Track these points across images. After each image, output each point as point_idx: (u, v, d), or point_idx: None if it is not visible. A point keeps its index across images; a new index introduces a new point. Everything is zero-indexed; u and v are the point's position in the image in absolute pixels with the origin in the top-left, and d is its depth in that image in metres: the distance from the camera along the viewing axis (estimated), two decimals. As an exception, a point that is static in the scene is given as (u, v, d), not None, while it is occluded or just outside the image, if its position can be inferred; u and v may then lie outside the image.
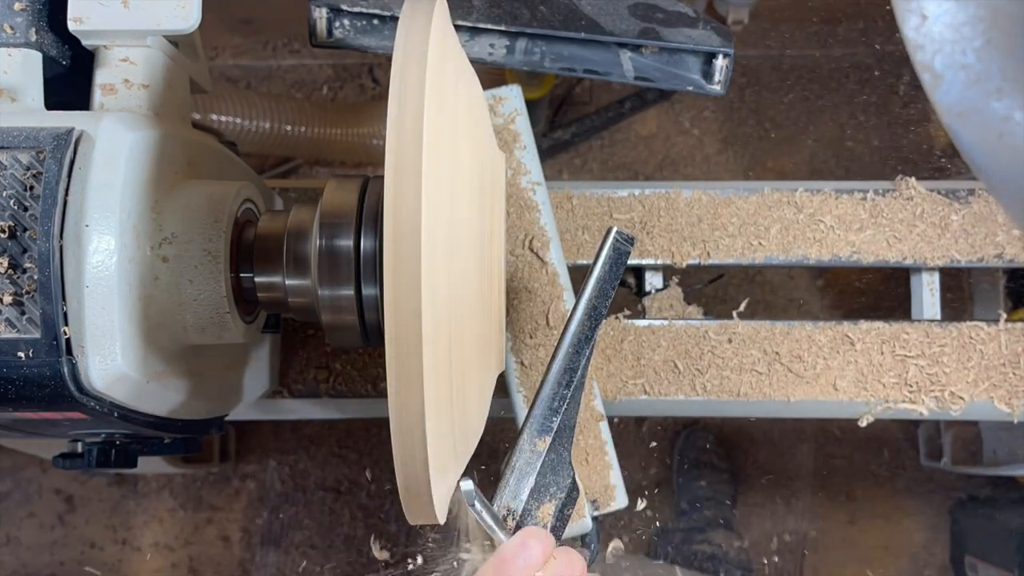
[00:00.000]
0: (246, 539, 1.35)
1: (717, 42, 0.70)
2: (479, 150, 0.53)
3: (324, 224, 0.56)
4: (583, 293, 0.61)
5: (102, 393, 0.54)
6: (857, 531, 1.42)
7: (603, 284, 0.61)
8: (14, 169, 0.52)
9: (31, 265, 0.50)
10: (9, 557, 1.35)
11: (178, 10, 0.60)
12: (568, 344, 0.59)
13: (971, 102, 0.26)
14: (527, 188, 0.80)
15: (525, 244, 0.79)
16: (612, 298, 0.61)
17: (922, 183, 0.88)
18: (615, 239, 0.61)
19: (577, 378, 0.59)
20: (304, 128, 1.09)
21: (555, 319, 0.78)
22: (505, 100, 0.82)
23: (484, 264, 0.51)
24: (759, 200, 0.87)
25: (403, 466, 0.44)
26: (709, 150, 1.39)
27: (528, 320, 0.79)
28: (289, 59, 1.42)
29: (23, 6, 0.59)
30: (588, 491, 0.76)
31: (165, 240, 0.57)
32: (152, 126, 0.58)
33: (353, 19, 0.70)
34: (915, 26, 0.27)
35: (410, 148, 0.42)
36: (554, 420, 0.58)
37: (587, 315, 0.60)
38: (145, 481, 1.37)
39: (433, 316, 0.44)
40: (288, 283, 0.60)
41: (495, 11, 0.69)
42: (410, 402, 0.42)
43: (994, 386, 0.84)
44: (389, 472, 1.35)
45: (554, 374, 0.58)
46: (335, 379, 0.84)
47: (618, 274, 0.62)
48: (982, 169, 0.27)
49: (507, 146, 0.80)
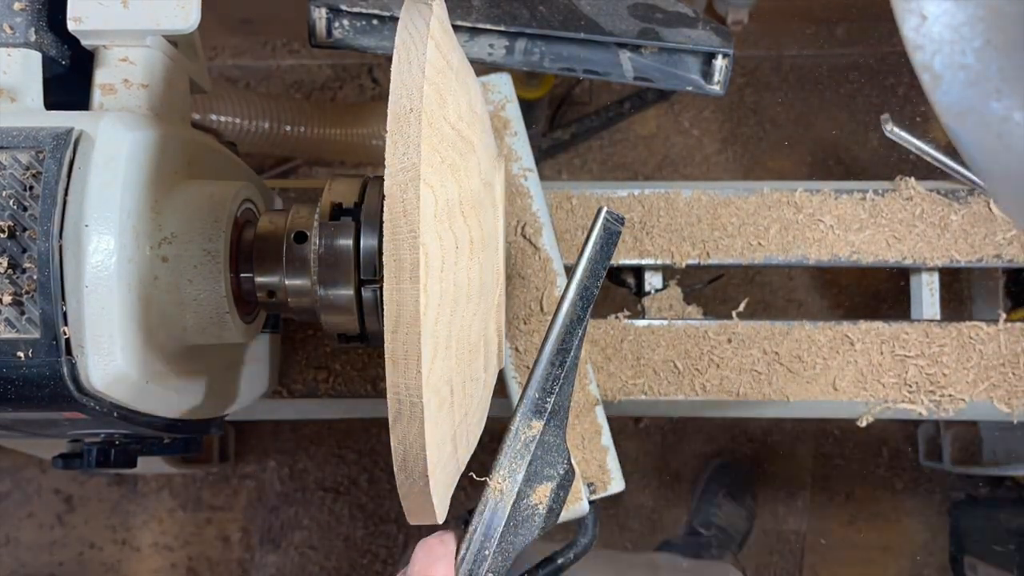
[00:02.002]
0: (245, 539, 1.35)
1: (717, 42, 0.70)
2: (479, 150, 0.53)
3: (324, 224, 0.56)
4: (574, 274, 0.61)
5: (102, 393, 0.54)
6: (857, 531, 1.42)
7: (594, 264, 0.61)
8: (14, 169, 0.52)
9: (31, 265, 0.50)
10: (8, 557, 1.35)
11: (178, 10, 0.60)
12: (560, 325, 0.59)
13: (970, 102, 0.26)
14: (518, 175, 0.80)
15: (517, 231, 0.79)
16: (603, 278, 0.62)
17: (922, 183, 0.88)
18: (605, 219, 0.61)
19: (570, 359, 0.59)
20: (304, 128, 1.09)
21: (549, 305, 0.78)
22: (495, 87, 0.82)
23: (485, 263, 0.51)
24: (758, 200, 0.87)
25: (403, 467, 0.44)
26: (709, 150, 1.39)
27: (522, 306, 0.79)
28: (288, 59, 1.42)
29: (23, 6, 0.59)
30: (584, 475, 0.76)
31: (165, 240, 0.57)
32: (152, 126, 0.58)
33: (353, 19, 0.70)
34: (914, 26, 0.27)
35: (410, 149, 0.42)
36: (548, 401, 0.58)
37: (579, 296, 0.60)
38: (144, 481, 1.37)
39: (434, 317, 0.44)
40: (288, 283, 0.60)
41: (494, 11, 0.69)
42: (410, 402, 0.42)
43: (994, 386, 0.84)
44: (389, 472, 1.35)
45: (547, 355, 0.58)
46: (335, 379, 0.84)
47: (609, 254, 0.62)
48: (981, 169, 0.27)
49: (498, 133, 0.80)
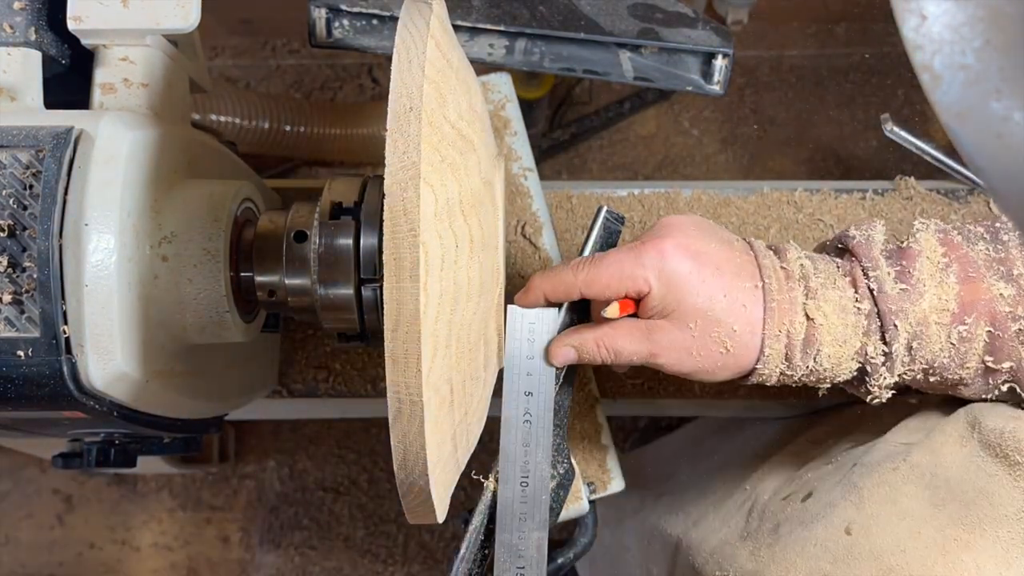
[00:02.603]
0: (245, 539, 1.35)
1: (716, 42, 0.70)
2: (480, 149, 0.53)
3: (324, 223, 0.57)
4: None
5: (101, 392, 0.54)
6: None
7: None
8: (13, 168, 0.52)
9: (30, 264, 0.50)
10: (8, 557, 1.35)
11: (178, 9, 0.60)
12: (560, 324, 0.59)
13: (970, 102, 0.26)
14: (518, 174, 0.80)
15: (517, 230, 0.79)
16: None
17: (922, 183, 0.88)
18: (605, 218, 0.62)
19: None
20: (304, 128, 1.09)
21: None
22: (495, 87, 0.82)
23: (485, 263, 0.51)
24: (758, 200, 0.87)
25: (403, 466, 0.44)
26: (709, 150, 1.39)
27: (521, 305, 0.79)
28: (288, 59, 1.42)
29: (23, 5, 0.59)
30: (584, 474, 0.76)
31: (165, 239, 0.57)
32: (152, 125, 0.58)
33: (352, 19, 0.70)
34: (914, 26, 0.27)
35: (410, 148, 0.42)
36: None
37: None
38: (144, 481, 1.37)
39: (434, 316, 0.44)
40: (288, 282, 0.60)
41: (494, 11, 0.69)
42: (410, 401, 0.42)
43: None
44: (389, 472, 1.35)
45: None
46: (335, 379, 0.84)
47: None
48: (981, 169, 0.27)
49: (498, 133, 0.80)
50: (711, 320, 0.53)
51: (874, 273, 0.54)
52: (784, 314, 0.53)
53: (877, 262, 0.54)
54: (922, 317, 0.53)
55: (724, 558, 0.62)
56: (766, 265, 0.55)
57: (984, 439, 0.53)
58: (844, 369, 0.55)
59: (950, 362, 0.54)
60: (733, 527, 0.65)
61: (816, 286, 0.54)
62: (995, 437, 0.52)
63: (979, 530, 0.50)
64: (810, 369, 0.55)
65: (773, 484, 0.67)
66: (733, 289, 0.53)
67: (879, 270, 0.54)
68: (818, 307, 0.53)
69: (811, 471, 0.64)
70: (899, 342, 0.53)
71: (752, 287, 0.54)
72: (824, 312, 0.53)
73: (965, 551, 0.50)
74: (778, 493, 0.65)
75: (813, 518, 0.57)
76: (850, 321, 0.54)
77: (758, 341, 0.54)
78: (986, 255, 0.54)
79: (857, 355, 0.54)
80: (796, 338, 0.54)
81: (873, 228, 0.57)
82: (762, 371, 0.55)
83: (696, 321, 0.53)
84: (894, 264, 0.55)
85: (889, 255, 0.55)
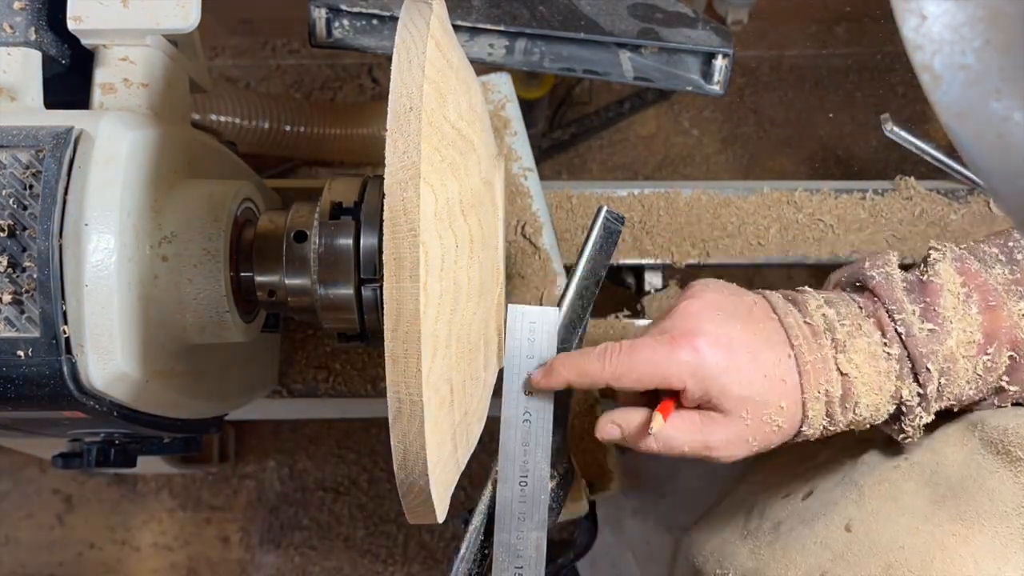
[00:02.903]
0: (245, 539, 1.35)
1: (716, 42, 0.70)
2: (479, 149, 0.53)
3: (324, 223, 0.57)
4: (574, 273, 0.61)
5: (101, 392, 0.54)
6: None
7: (594, 264, 0.61)
8: (13, 168, 0.52)
9: (30, 264, 0.50)
10: (8, 557, 1.35)
11: (177, 9, 0.60)
12: (560, 324, 0.59)
13: (970, 102, 0.26)
14: (518, 174, 0.80)
15: (517, 230, 0.79)
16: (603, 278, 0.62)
17: (922, 183, 0.88)
18: (605, 218, 0.61)
19: None
20: (304, 128, 1.09)
21: (548, 304, 0.78)
22: (495, 87, 0.82)
23: (485, 263, 0.51)
24: (758, 200, 0.87)
25: (403, 466, 0.44)
26: (709, 150, 1.39)
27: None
28: (288, 59, 1.42)
29: (23, 5, 0.59)
30: (584, 474, 0.76)
31: (165, 239, 0.57)
32: (152, 125, 0.58)
33: (352, 19, 0.70)
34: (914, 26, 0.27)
35: (410, 147, 0.42)
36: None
37: (578, 295, 0.61)
38: (144, 481, 1.36)
39: (434, 316, 0.44)
40: (288, 282, 0.60)
41: (494, 11, 0.69)
42: (410, 401, 0.42)
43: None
44: (389, 472, 1.35)
45: None
46: (335, 379, 0.84)
47: (609, 253, 0.62)
48: (981, 169, 0.27)
49: (498, 133, 0.80)
50: (759, 404, 0.53)
51: (900, 316, 0.53)
52: (819, 374, 0.53)
53: (901, 304, 0.54)
54: (949, 354, 0.52)
55: (724, 557, 0.62)
56: (791, 324, 0.55)
57: (986, 436, 0.53)
58: (882, 413, 0.55)
59: (976, 393, 0.54)
60: (733, 526, 0.65)
61: (843, 337, 0.53)
62: (998, 434, 0.52)
63: (978, 525, 0.50)
64: (851, 420, 0.55)
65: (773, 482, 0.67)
66: (770, 366, 0.53)
67: (904, 312, 0.53)
68: (849, 360, 0.53)
69: (811, 469, 0.64)
70: (933, 383, 0.53)
71: (785, 357, 0.54)
72: (856, 364, 0.53)
73: (963, 546, 0.50)
74: (778, 491, 0.65)
75: (814, 516, 0.57)
76: (882, 368, 0.53)
77: (800, 407, 0.54)
78: (1003, 278, 0.54)
79: (893, 398, 0.54)
80: (835, 395, 0.53)
81: (888, 263, 0.57)
82: (807, 432, 0.55)
83: (746, 409, 0.53)
84: (917, 301, 0.54)
85: (910, 289, 0.55)
